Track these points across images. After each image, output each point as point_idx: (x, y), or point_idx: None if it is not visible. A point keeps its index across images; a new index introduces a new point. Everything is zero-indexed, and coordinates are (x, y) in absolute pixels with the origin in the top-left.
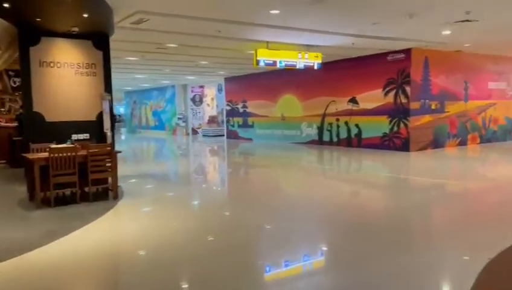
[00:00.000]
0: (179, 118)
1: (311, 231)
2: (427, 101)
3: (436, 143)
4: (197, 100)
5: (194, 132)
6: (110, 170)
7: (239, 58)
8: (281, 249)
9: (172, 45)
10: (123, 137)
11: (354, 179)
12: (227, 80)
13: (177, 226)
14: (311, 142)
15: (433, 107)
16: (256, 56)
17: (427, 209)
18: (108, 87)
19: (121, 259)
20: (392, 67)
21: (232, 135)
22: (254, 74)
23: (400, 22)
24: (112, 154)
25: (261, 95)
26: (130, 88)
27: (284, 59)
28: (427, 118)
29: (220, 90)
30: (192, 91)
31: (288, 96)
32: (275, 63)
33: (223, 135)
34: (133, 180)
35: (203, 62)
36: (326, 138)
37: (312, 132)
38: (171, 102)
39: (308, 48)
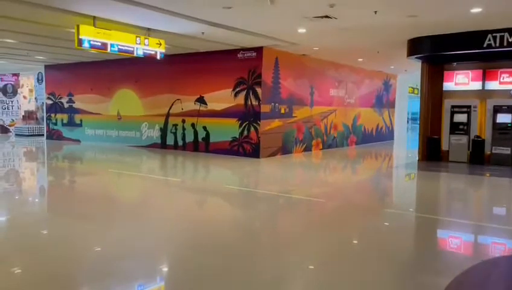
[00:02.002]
0: None
1: (149, 250)
2: (277, 104)
3: (285, 149)
4: (10, 91)
5: (4, 130)
6: None
7: (59, 39)
8: (112, 275)
9: None
10: None
11: (198, 190)
12: (49, 67)
13: None
14: (153, 146)
15: (282, 111)
16: (78, 34)
17: (275, 223)
18: None
19: None
20: (243, 66)
21: (54, 135)
22: (83, 63)
23: (257, 8)
24: None
25: (92, 88)
26: None
27: (117, 42)
28: (276, 123)
29: (40, 80)
30: (2, 80)
31: (125, 91)
32: (105, 46)
33: (43, 135)
34: None
35: (9, 40)
36: (170, 141)
37: (154, 134)
38: None
39: (149, 32)
